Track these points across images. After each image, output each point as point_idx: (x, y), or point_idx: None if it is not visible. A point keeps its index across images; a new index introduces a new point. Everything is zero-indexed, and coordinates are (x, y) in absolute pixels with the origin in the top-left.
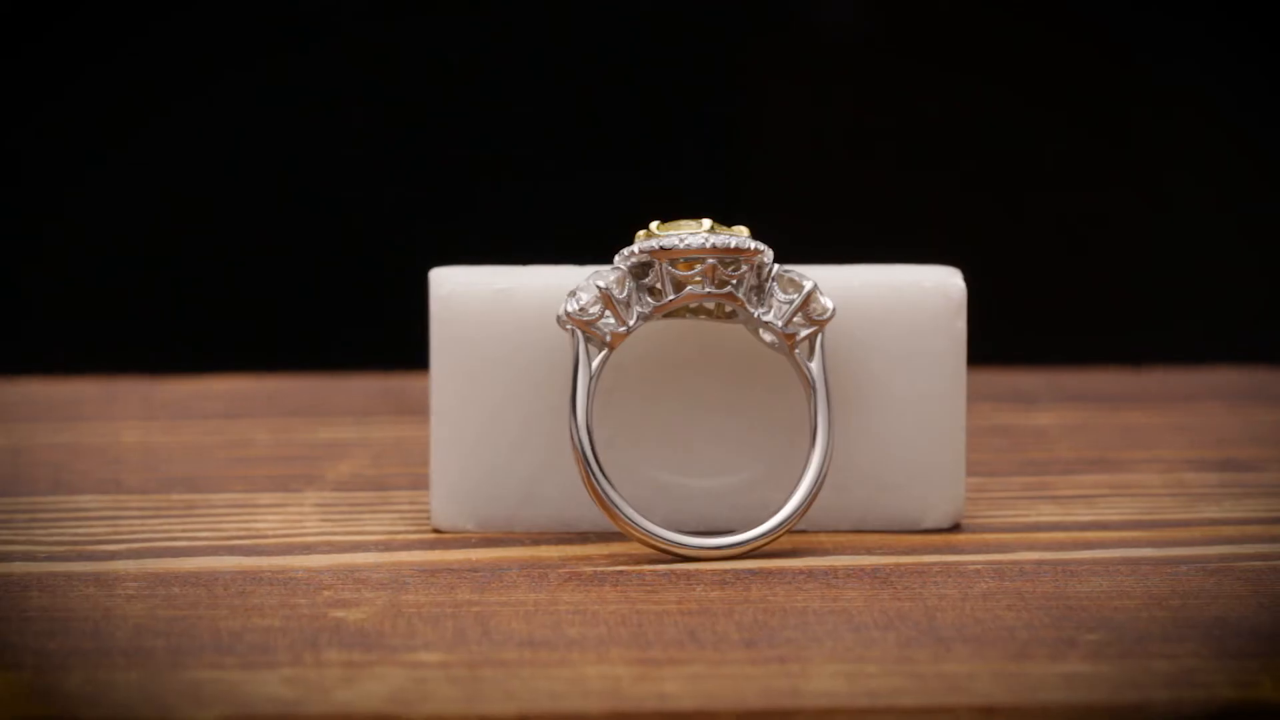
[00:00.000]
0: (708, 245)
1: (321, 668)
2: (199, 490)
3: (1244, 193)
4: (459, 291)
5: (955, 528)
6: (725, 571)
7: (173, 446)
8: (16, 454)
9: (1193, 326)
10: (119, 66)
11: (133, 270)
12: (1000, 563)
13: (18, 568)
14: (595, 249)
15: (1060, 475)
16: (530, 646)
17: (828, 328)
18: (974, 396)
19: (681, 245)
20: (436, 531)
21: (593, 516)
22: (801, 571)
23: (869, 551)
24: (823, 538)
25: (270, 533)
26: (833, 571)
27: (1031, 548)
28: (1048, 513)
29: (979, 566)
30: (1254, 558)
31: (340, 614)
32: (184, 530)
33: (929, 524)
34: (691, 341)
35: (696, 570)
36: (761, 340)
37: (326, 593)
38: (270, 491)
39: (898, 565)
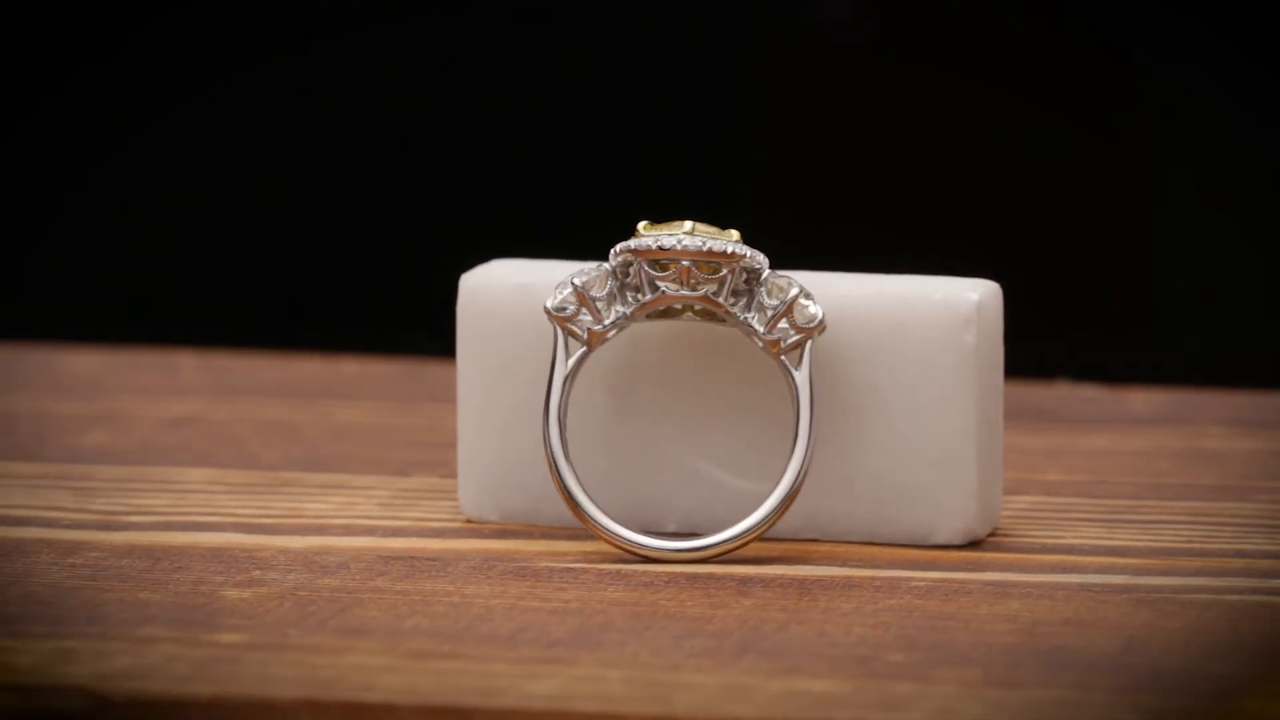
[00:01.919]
0: (680, 247)
1: (110, 640)
2: (315, 469)
3: (1244, 193)
4: (483, 285)
5: (973, 544)
6: (668, 574)
7: (359, 426)
8: (209, 426)
9: (1195, 335)
10: (119, 66)
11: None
12: (951, 581)
13: (16, 532)
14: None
15: (1157, 500)
16: (344, 634)
17: (829, 337)
18: (1176, 419)
19: (655, 246)
20: (468, 522)
21: (614, 513)
22: (736, 578)
23: (843, 563)
24: (824, 548)
25: (307, 514)
26: (768, 580)
27: (1011, 568)
28: (1088, 535)
29: (922, 583)
30: (1211, 590)
31: (232, 593)
32: (232, 506)
33: (939, 540)
34: (715, 344)
35: (644, 572)
36: (756, 345)
37: (255, 572)
38: (376, 475)
39: (847, 578)
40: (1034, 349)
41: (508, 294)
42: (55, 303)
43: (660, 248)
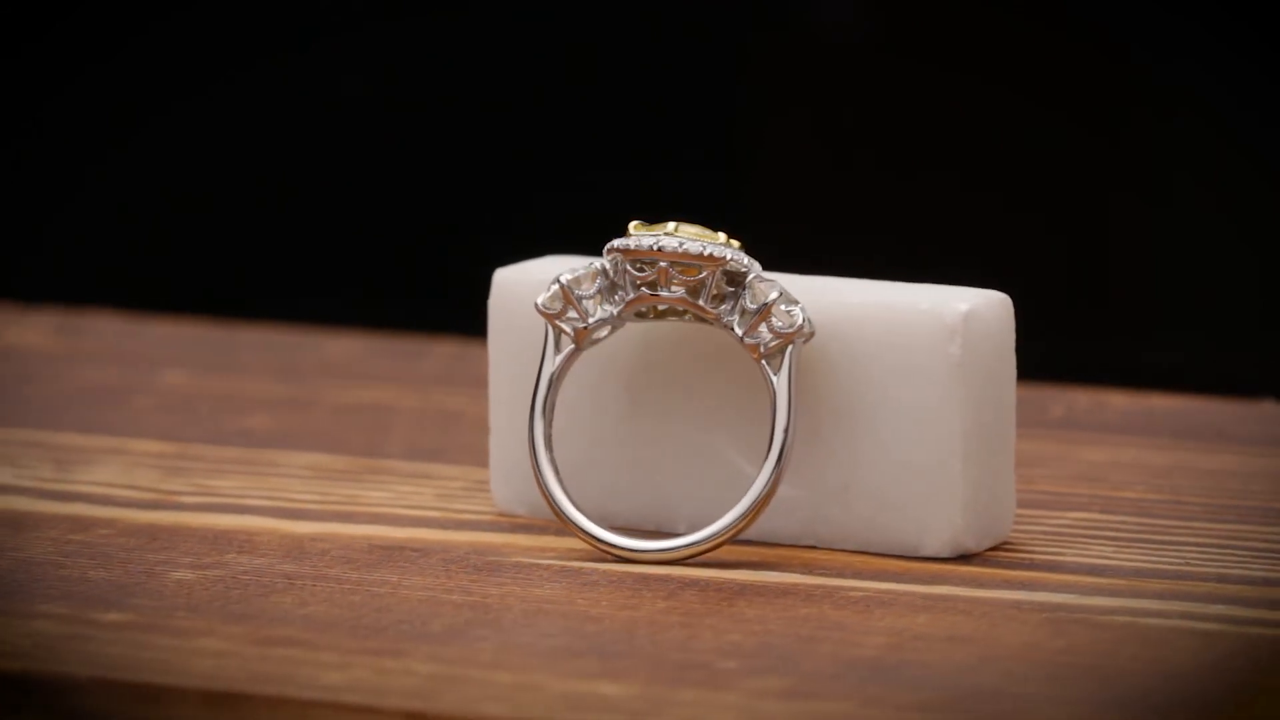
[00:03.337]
0: (656, 248)
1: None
2: (421, 459)
3: (1244, 193)
4: (511, 279)
5: (964, 557)
6: (621, 574)
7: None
8: (374, 414)
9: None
10: (119, 66)
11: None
12: (889, 593)
13: (55, 507)
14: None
15: (1204, 521)
16: (228, 619)
17: (819, 341)
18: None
19: (634, 246)
20: (500, 515)
21: (629, 513)
22: (682, 580)
23: (808, 571)
24: (808, 555)
25: (359, 501)
26: (708, 584)
27: (969, 583)
28: (1089, 554)
29: (856, 594)
30: (1137, 613)
31: (178, 574)
32: (294, 491)
33: (927, 552)
34: (727, 346)
35: (603, 571)
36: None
37: (230, 555)
38: (470, 466)
39: (791, 585)
40: (1033, 349)
41: (537, 290)
42: (55, 302)
43: (639, 247)
